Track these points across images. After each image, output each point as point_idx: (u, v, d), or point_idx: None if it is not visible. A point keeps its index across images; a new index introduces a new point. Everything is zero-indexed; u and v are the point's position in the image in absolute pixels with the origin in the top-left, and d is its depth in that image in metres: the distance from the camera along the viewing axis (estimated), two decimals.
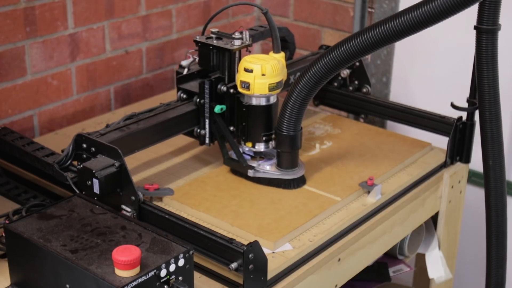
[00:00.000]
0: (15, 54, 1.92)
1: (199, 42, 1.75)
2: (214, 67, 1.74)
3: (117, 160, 1.46)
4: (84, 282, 1.19)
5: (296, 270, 1.47)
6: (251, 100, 1.67)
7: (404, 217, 1.76)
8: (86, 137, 1.52)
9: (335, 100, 2.09)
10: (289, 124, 1.62)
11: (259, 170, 1.68)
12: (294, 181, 1.68)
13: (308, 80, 1.57)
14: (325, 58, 1.54)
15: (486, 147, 1.76)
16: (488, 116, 1.73)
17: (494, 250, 1.86)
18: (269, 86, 1.63)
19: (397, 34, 1.46)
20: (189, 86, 1.75)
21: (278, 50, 1.71)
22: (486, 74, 1.68)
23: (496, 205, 1.81)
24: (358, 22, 2.36)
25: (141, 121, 1.65)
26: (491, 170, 1.77)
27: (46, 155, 1.60)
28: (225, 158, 1.73)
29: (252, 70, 1.62)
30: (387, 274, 1.94)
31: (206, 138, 1.75)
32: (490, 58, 1.66)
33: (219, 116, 1.72)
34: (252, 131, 1.70)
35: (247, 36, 1.73)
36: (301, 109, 1.61)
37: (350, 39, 1.51)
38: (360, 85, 2.05)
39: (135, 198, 1.46)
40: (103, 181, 1.43)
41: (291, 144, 1.65)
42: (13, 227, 1.30)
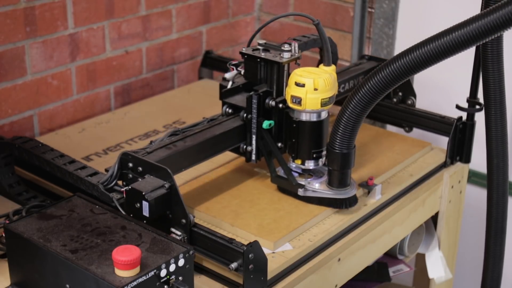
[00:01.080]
0: (15, 54, 1.92)
1: (245, 54, 1.66)
2: (261, 80, 1.66)
3: (167, 181, 1.38)
4: (84, 282, 1.19)
5: (296, 270, 1.47)
6: (302, 116, 1.59)
7: (404, 217, 1.76)
8: (133, 156, 1.44)
9: (378, 112, 2.00)
10: (342, 141, 1.51)
11: (309, 189, 1.60)
12: (346, 200, 1.59)
13: (364, 95, 1.44)
14: (382, 72, 1.41)
15: (490, 146, 1.78)
16: (493, 115, 1.74)
17: (493, 247, 1.88)
18: (321, 101, 1.54)
19: (463, 43, 1.31)
20: (235, 100, 1.66)
21: (329, 62, 1.61)
22: (491, 73, 1.69)
23: (497, 203, 1.83)
24: (358, 22, 2.36)
25: (187, 138, 1.57)
26: (494, 168, 1.79)
27: (90, 174, 1.51)
28: (273, 176, 1.64)
29: (304, 85, 1.53)
30: (387, 274, 1.94)
31: (252, 155, 1.66)
32: (495, 58, 1.67)
33: (267, 132, 1.63)
34: (302, 147, 1.61)
35: (296, 48, 1.64)
36: (355, 126, 1.50)
37: (411, 50, 1.38)
38: (404, 96, 1.98)
39: (186, 221, 1.37)
40: (153, 204, 1.35)
41: (343, 162, 1.54)
42: (13, 227, 1.30)
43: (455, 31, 1.30)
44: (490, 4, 1.62)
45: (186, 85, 2.36)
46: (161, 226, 1.38)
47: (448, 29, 1.31)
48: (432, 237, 1.94)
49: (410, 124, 1.96)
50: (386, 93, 1.44)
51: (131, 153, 1.45)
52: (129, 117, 2.10)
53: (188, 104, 2.18)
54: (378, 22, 2.33)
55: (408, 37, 2.29)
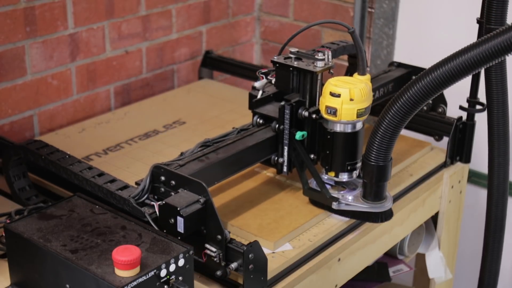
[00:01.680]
0: (15, 54, 1.92)
1: (277, 63, 1.62)
2: (293, 89, 1.62)
3: (202, 196, 1.33)
4: (84, 282, 1.19)
5: (296, 270, 1.47)
6: (336, 127, 1.54)
7: (404, 217, 1.76)
8: (166, 169, 1.39)
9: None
10: (378, 154, 1.46)
11: (342, 202, 1.56)
12: (381, 214, 1.55)
13: (402, 105, 1.39)
14: (421, 82, 1.36)
15: (492, 145, 1.79)
16: (496, 115, 1.75)
17: (491, 245, 1.90)
18: (357, 112, 1.50)
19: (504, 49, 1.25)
20: (266, 110, 1.62)
21: (364, 72, 1.57)
22: (494, 74, 1.70)
23: (497, 201, 1.84)
24: (358, 22, 2.36)
25: (219, 150, 1.53)
26: (495, 167, 1.80)
27: (120, 188, 1.47)
28: (305, 189, 1.60)
29: (339, 95, 1.49)
30: (387, 274, 1.94)
31: (284, 167, 1.62)
32: None
33: (299, 143, 1.59)
34: (336, 159, 1.56)
35: (329, 56, 1.60)
36: (392, 138, 1.45)
37: (451, 59, 1.33)
38: (434, 105, 1.92)
39: (222, 237, 1.32)
40: (188, 219, 1.30)
41: (379, 174, 1.50)
42: (13, 227, 1.30)
43: (496, 37, 1.25)
44: (491, 4, 1.62)
45: (186, 85, 2.36)
46: (195, 242, 1.33)
47: (489, 36, 1.26)
48: (432, 237, 1.94)
49: (440, 133, 1.91)
50: (425, 103, 1.39)
51: (163, 166, 1.40)
52: (129, 117, 2.10)
53: (188, 104, 2.18)
54: (378, 22, 2.33)
55: (408, 37, 2.29)
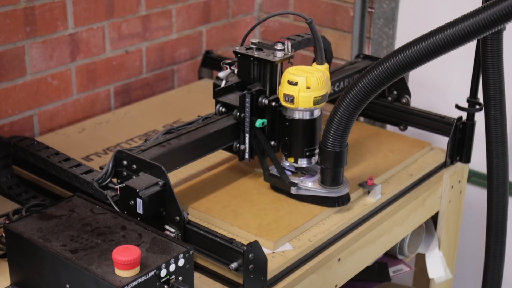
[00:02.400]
0: (15, 54, 1.92)
1: (238, 53, 1.67)
2: (254, 79, 1.66)
3: (161, 178, 1.39)
4: (84, 282, 1.19)
5: (296, 270, 1.47)
6: (294, 114, 1.59)
7: (404, 217, 1.76)
8: (127, 153, 1.45)
9: (373, 110, 2.01)
10: (335, 140, 1.52)
11: (301, 187, 1.60)
12: (338, 199, 1.60)
13: (356, 94, 1.45)
14: (375, 71, 1.42)
15: (490, 146, 1.78)
16: (493, 115, 1.74)
17: (493, 247, 1.88)
18: (314, 99, 1.55)
19: (454, 41, 1.33)
20: (228, 99, 1.66)
21: (322, 61, 1.62)
22: (491, 74, 1.69)
23: (498, 203, 1.83)
24: (358, 22, 2.36)
25: (182, 136, 1.58)
26: (494, 168, 1.79)
27: (84, 172, 1.51)
28: (266, 175, 1.65)
29: (296, 83, 1.54)
30: (387, 274, 1.94)
31: (246, 153, 1.67)
32: (495, 58, 1.67)
33: (260, 130, 1.64)
34: (295, 146, 1.62)
35: (289, 47, 1.65)
36: (348, 124, 1.50)
37: (403, 49, 1.39)
38: (399, 95, 1.98)
39: (180, 218, 1.38)
40: (147, 201, 1.36)
41: (336, 160, 1.55)
42: (13, 227, 1.30)
43: (448, 28, 1.32)
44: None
45: (186, 85, 2.36)
46: (155, 223, 1.38)
47: (441, 27, 1.32)
48: (432, 237, 1.94)
49: (407, 123, 1.97)
50: (378, 91, 1.45)
51: (126, 151, 1.46)
52: (129, 117, 2.10)
53: (188, 104, 2.18)
54: (378, 22, 2.33)
55: (408, 37, 2.28)
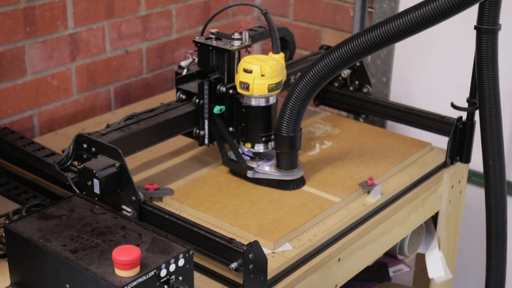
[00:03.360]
0: (15, 54, 1.92)
1: (198, 43, 1.75)
2: (213, 67, 1.74)
3: (117, 160, 1.46)
4: (84, 282, 1.19)
5: (296, 270, 1.47)
6: (250, 101, 1.67)
7: (404, 217, 1.76)
8: (87, 137, 1.52)
9: (336, 100, 2.09)
10: (288, 125, 1.62)
11: (258, 171, 1.68)
12: (293, 182, 1.67)
13: (308, 81, 1.56)
14: (325, 59, 1.53)
15: (486, 147, 1.76)
16: (488, 116, 1.73)
17: (494, 250, 1.87)
18: (268, 86, 1.63)
19: (398, 35, 1.45)
20: (188, 86, 1.75)
21: (278, 50, 1.70)
22: (486, 74, 1.69)
23: (496, 204, 1.81)
24: (358, 22, 2.36)
25: (141, 121, 1.65)
26: (491, 170, 1.78)
27: (47, 155, 1.60)
28: (224, 159, 1.73)
29: (251, 71, 1.62)
30: (387, 274, 1.94)
31: (205, 139, 1.75)
32: (490, 58, 1.67)
33: (218, 116, 1.72)
34: (252, 132, 1.70)
35: (246, 36, 1.73)
36: (301, 110, 1.60)
37: (351, 39, 1.50)
38: (360, 85, 2.05)
39: (136, 198, 1.46)
40: (103, 181, 1.43)
41: (290, 145, 1.64)
42: (13, 227, 1.30)
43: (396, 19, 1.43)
44: (484, 4, 1.62)
45: None
46: (113, 204, 1.46)
47: (390, 17, 1.44)
48: (432, 237, 1.94)
49: (367, 112, 2.05)
50: (330, 78, 1.55)
51: (85, 134, 1.53)
52: None
53: None
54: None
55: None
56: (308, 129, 1.99)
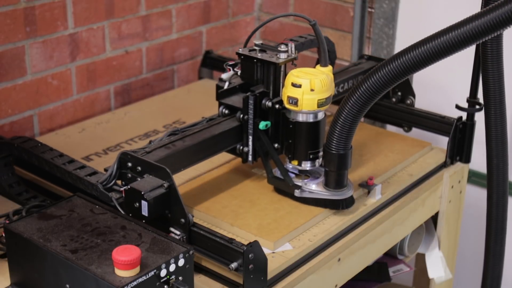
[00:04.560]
0: (15, 54, 1.92)
1: (242, 55, 1.65)
2: (257, 81, 1.65)
3: (166, 181, 1.38)
4: (84, 282, 1.19)
5: (296, 270, 1.47)
6: (298, 117, 1.58)
7: (404, 217, 1.76)
8: (132, 155, 1.44)
9: (377, 111, 2.00)
10: (339, 142, 1.51)
11: (305, 189, 1.59)
12: (342, 201, 1.59)
13: (360, 95, 1.43)
14: (379, 72, 1.40)
15: (490, 146, 1.78)
16: (493, 115, 1.74)
17: (493, 246, 1.89)
18: (318, 102, 1.54)
19: (461, 43, 1.31)
20: (231, 101, 1.65)
21: (326, 63, 1.61)
22: (491, 73, 1.69)
23: (497, 202, 1.83)
24: (358, 22, 2.36)
25: (186, 138, 1.57)
26: (494, 168, 1.79)
27: (89, 174, 1.52)
28: (269, 177, 1.64)
29: (300, 85, 1.53)
30: (387, 274, 1.94)
31: (249, 156, 1.66)
32: (495, 58, 1.67)
33: (263, 132, 1.63)
34: (299, 148, 1.61)
35: (293, 48, 1.64)
36: (352, 126, 1.49)
37: (409, 50, 1.37)
38: (403, 96, 1.97)
39: (185, 221, 1.37)
40: (152, 203, 1.35)
41: (340, 163, 1.54)
42: (13, 227, 1.30)
43: (453, 30, 1.30)
44: (490, 4, 1.62)
45: (186, 85, 2.36)
46: (161, 225, 1.38)
47: (446, 28, 1.31)
48: (432, 237, 1.94)
49: (410, 124, 1.96)
50: (383, 93, 1.44)
51: (130, 152, 1.45)
52: (129, 117, 2.10)
53: (188, 104, 2.18)
54: (378, 22, 2.33)
55: (408, 37, 2.29)
56: None
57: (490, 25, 1.25)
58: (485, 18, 1.26)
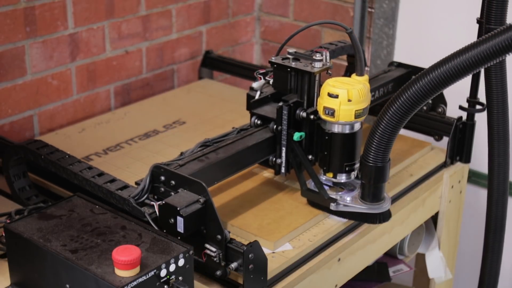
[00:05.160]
0: (15, 54, 1.92)
1: (275, 63, 1.62)
2: (290, 90, 1.61)
3: (202, 196, 1.34)
4: (84, 282, 1.19)
5: (296, 270, 1.47)
6: (334, 128, 1.54)
7: (404, 217, 1.76)
8: (166, 169, 1.40)
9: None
10: (377, 155, 1.46)
11: (340, 203, 1.55)
12: (379, 215, 1.55)
13: (400, 106, 1.38)
14: (419, 82, 1.35)
15: (492, 145, 1.78)
16: (495, 114, 1.75)
17: (491, 244, 1.89)
18: (355, 112, 1.49)
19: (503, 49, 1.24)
20: (264, 111, 1.62)
21: (362, 72, 1.56)
22: (494, 73, 1.70)
23: (497, 201, 1.84)
24: (358, 22, 2.36)
25: (219, 150, 1.53)
26: (495, 167, 1.80)
27: (120, 188, 1.47)
28: (303, 189, 1.59)
29: (337, 96, 1.48)
30: (387, 274, 1.94)
31: (282, 167, 1.62)
32: None
33: (297, 144, 1.59)
34: (334, 160, 1.56)
35: (327, 57, 1.60)
36: (391, 138, 1.44)
37: (448, 60, 1.31)
38: (434, 104, 1.92)
39: (221, 237, 1.33)
40: (188, 219, 1.30)
41: (378, 175, 1.49)
42: (13, 227, 1.30)
43: (496, 37, 1.24)
44: (491, 4, 1.62)
45: (186, 85, 2.36)
46: (195, 241, 1.34)
47: (489, 35, 1.25)
48: (432, 237, 1.94)
49: (440, 132, 1.91)
50: (423, 104, 1.38)
51: (163, 166, 1.41)
52: (129, 117, 2.10)
53: (188, 104, 2.18)
54: (378, 22, 2.33)
55: (408, 37, 2.29)
56: None
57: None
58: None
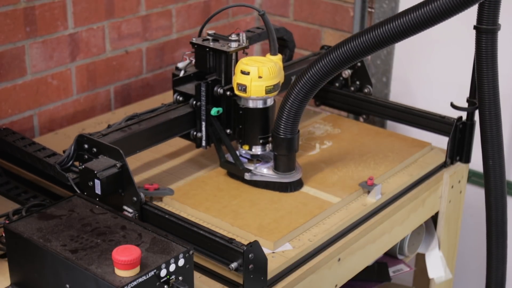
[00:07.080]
0: (15, 54, 1.92)
1: (195, 44, 1.74)
2: (210, 69, 1.73)
3: (118, 161, 1.47)
4: (84, 282, 1.19)
5: (296, 270, 1.47)
6: (248, 103, 1.66)
7: (404, 217, 1.76)
8: (88, 137, 1.52)
9: (336, 100, 2.09)
10: (286, 127, 1.61)
11: (256, 173, 1.67)
12: (291, 184, 1.67)
13: (306, 82, 1.55)
14: (323, 60, 1.52)
15: (486, 147, 1.76)
16: (488, 116, 1.73)
17: (495, 250, 1.86)
18: (266, 88, 1.62)
19: (397, 35, 1.44)
20: (185, 88, 1.74)
21: (275, 52, 1.70)
22: (486, 74, 1.68)
23: (496, 204, 1.81)
24: (358, 22, 2.36)
25: (142, 122, 1.65)
26: (491, 169, 1.77)
27: (48, 155, 1.60)
28: (222, 161, 1.72)
29: (248, 73, 1.61)
30: (387, 274, 1.94)
31: (202, 141, 1.74)
32: (490, 58, 1.66)
33: (215, 118, 1.71)
34: (249, 134, 1.69)
35: (243, 38, 1.72)
36: (298, 112, 1.59)
37: (350, 40, 1.48)
38: (361, 85, 2.05)
39: (137, 199, 1.46)
40: (104, 182, 1.43)
41: (288, 147, 1.63)
42: (13, 227, 1.30)
43: (396, 19, 1.43)
44: (483, 3, 1.62)
45: None
46: (114, 204, 1.46)
47: (390, 17, 1.44)
48: (432, 237, 1.94)
49: (368, 112, 2.05)
50: (328, 79, 1.54)
51: (87, 135, 1.53)
52: None
53: None
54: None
55: None
56: (308, 129, 1.99)
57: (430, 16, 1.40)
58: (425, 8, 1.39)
